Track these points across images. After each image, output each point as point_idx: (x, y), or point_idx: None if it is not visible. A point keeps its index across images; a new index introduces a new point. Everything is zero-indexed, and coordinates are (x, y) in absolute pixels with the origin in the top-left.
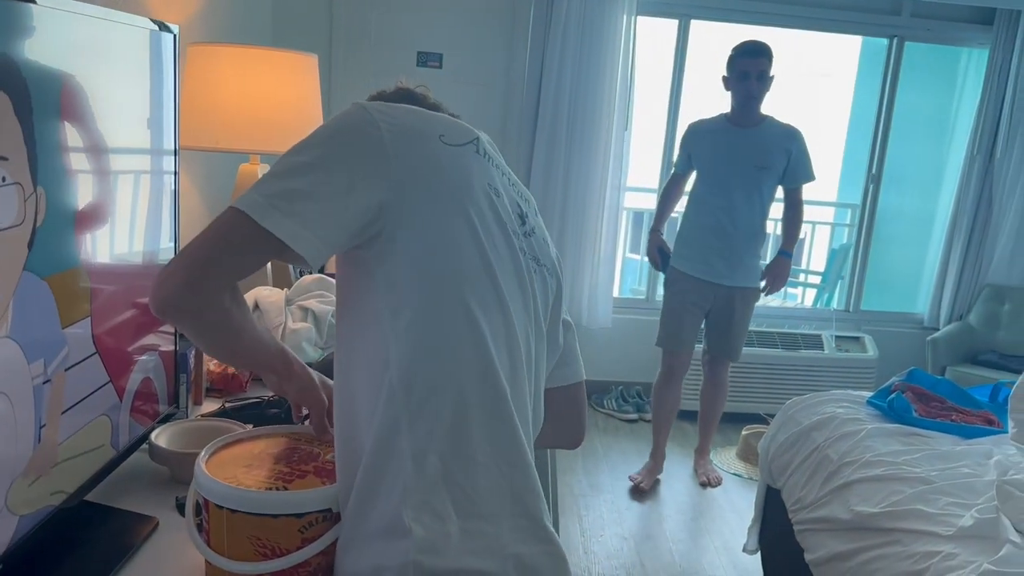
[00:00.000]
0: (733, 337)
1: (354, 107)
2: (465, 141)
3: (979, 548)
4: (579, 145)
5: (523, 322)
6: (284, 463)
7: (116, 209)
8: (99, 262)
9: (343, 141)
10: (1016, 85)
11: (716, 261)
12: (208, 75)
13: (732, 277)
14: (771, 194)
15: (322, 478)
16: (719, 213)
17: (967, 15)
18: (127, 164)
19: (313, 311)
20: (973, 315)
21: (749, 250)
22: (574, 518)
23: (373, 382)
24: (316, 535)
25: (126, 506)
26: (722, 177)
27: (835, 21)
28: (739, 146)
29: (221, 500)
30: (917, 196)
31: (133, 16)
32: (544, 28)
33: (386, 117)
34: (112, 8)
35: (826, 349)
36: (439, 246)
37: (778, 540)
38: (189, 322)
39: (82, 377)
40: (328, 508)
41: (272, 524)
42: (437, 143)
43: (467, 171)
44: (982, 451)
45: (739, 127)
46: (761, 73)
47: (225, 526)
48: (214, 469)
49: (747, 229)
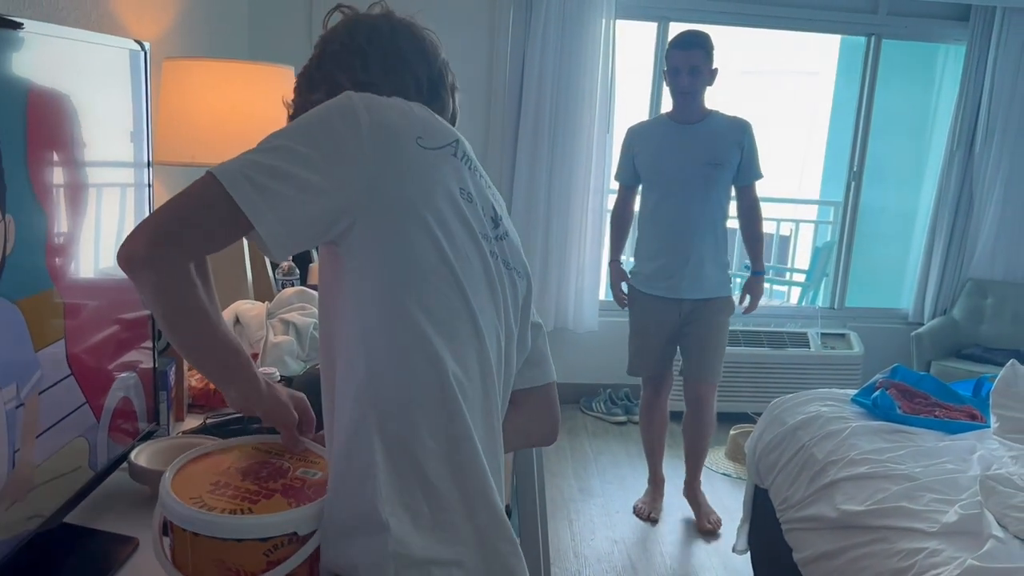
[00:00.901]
0: (706, 355)
1: (344, 97)
2: (443, 144)
3: (963, 544)
4: (561, 149)
5: (493, 325)
6: (252, 479)
7: (89, 229)
8: (72, 283)
9: (325, 132)
10: (993, 80)
11: (677, 275)
12: (184, 89)
13: (696, 289)
14: (727, 192)
15: (289, 498)
16: (673, 220)
17: (943, 12)
18: (99, 180)
19: (295, 324)
20: (957, 309)
21: (712, 257)
22: (564, 522)
23: (347, 378)
24: (282, 557)
25: (106, 527)
26: (672, 180)
27: (812, 20)
28: (686, 144)
29: (185, 523)
30: (899, 192)
31: (92, 33)
32: (523, 34)
33: (370, 114)
34: (87, 23)
35: (812, 347)
36: (394, 254)
37: (767, 540)
38: (152, 282)
39: (57, 399)
40: (294, 531)
41: (236, 548)
42: (413, 146)
43: (435, 176)
44: (965, 446)
45: (683, 124)
46: (693, 68)
47: (190, 548)
48: (181, 487)
49: (707, 234)
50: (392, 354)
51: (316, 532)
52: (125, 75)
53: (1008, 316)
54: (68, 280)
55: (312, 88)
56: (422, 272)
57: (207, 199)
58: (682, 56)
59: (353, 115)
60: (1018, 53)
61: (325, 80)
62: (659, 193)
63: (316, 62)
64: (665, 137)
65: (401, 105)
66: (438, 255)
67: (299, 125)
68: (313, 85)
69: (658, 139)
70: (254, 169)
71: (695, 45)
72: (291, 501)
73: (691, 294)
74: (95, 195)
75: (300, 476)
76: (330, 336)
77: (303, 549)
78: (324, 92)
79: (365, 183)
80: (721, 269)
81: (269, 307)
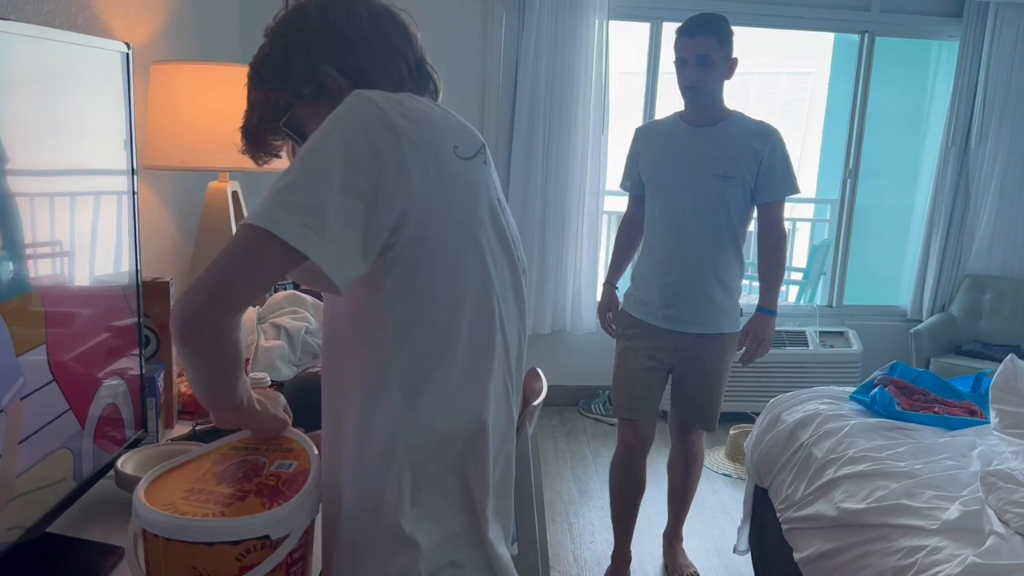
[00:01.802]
0: (705, 400)
1: (363, 102)
2: (474, 152)
3: (965, 541)
4: (556, 150)
5: (516, 335)
6: (227, 483)
7: (72, 234)
8: (54, 288)
9: (368, 152)
10: (987, 75)
11: (675, 302)
12: (174, 93)
13: (696, 322)
14: (743, 211)
15: (263, 498)
16: (674, 238)
17: (936, 8)
18: (82, 186)
19: (286, 328)
20: (955, 306)
21: (718, 285)
22: (564, 525)
23: (372, 391)
24: (255, 562)
25: (91, 536)
26: (674, 191)
27: (806, 19)
28: (694, 150)
29: (156, 528)
30: (895, 189)
31: (74, 34)
32: (516, 34)
33: (404, 122)
34: (74, 28)
35: (811, 345)
36: (442, 276)
37: (768, 540)
38: (208, 346)
39: (39, 406)
40: (266, 535)
41: (207, 552)
42: (452, 158)
43: (477, 189)
44: (965, 442)
45: (694, 126)
46: (703, 57)
47: (162, 554)
48: (154, 495)
49: (712, 258)
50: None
51: (289, 536)
52: (109, 77)
53: (1006, 311)
54: (49, 285)
55: (285, 84)
56: (465, 294)
57: (268, 259)
58: (688, 45)
59: (391, 130)
60: (1012, 48)
61: (307, 73)
62: (659, 206)
63: (283, 53)
64: (671, 140)
65: (428, 111)
66: (481, 275)
67: (331, 140)
68: (289, 80)
69: (663, 142)
70: (310, 214)
71: (704, 30)
72: (264, 502)
73: (690, 327)
74: (77, 201)
75: (275, 472)
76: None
77: (276, 553)
78: (311, 87)
79: (413, 198)
80: (731, 301)
81: (260, 311)
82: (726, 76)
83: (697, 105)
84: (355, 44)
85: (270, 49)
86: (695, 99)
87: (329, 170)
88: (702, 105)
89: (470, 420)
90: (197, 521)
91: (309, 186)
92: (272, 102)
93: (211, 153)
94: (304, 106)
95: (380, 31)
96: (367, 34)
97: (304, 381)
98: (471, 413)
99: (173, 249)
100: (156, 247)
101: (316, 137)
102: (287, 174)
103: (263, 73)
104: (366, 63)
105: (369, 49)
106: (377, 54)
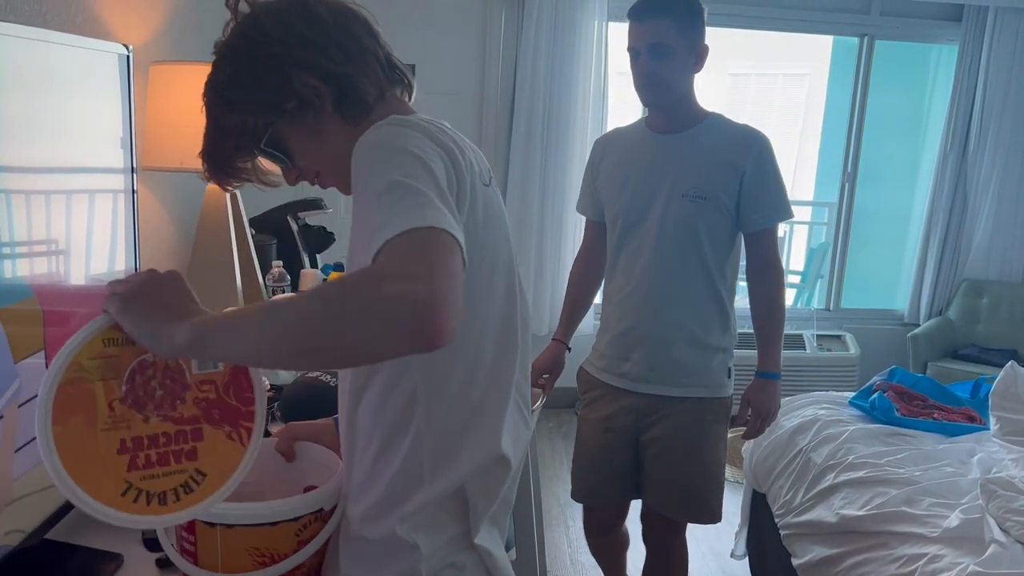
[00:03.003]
0: (681, 484)
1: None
2: (489, 177)
3: (965, 549)
4: (555, 152)
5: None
6: (154, 411)
7: (71, 236)
8: (53, 292)
9: (436, 162)
10: (986, 80)
11: (631, 354)
12: (172, 94)
13: (656, 380)
14: (722, 241)
15: (222, 425)
16: (632, 275)
17: (936, 12)
18: (81, 186)
19: None
20: (952, 310)
21: (691, 335)
22: (561, 528)
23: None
24: (310, 536)
25: (90, 543)
26: (634, 215)
27: (805, 21)
28: (658, 164)
29: (215, 519)
30: (893, 193)
31: (73, 36)
32: (516, 37)
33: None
34: (73, 28)
35: (808, 349)
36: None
37: (766, 545)
38: None
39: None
40: (320, 508)
41: (271, 533)
42: (480, 186)
43: (500, 217)
44: (965, 449)
45: (659, 133)
46: (656, 46)
47: (220, 543)
48: (82, 472)
49: (676, 301)
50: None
51: (337, 507)
52: (108, 79)
53: (1004, 316)
54: (48, 289)
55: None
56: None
57: (454, 249)
58: (640, 30)
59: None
60: (1011, 53)
61: (283, 88)
62: (618, 232)
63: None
64: (632, 152)
65: (452, 133)
66: (507, 301)
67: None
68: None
69: (623, 154)
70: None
71: (657, 11)
72: (230, 431)
73: (654, 386)
74: (77, 201)
75: (198, 376)
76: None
77: (328, 524)
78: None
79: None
80: (706, 355)
81: None
82: (694, 68)
83: (658, 107)
84: (327, 49)
85: (230, 69)
86: (652, 99)
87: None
88: (664, 106)
89: (488, 451)
90: (261, 504)
91: (412, 185)
92: (250, 127)
93: None
94: (286, 122)
95: (347, 32)
96: (335, 37)
97: (303, 385)
98: (490, 443)
99: (171, 251)
100: (155, 249)
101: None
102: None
103: (232, 97)
104: (344, 67)
105: (343, 52)
106: (352, 56)
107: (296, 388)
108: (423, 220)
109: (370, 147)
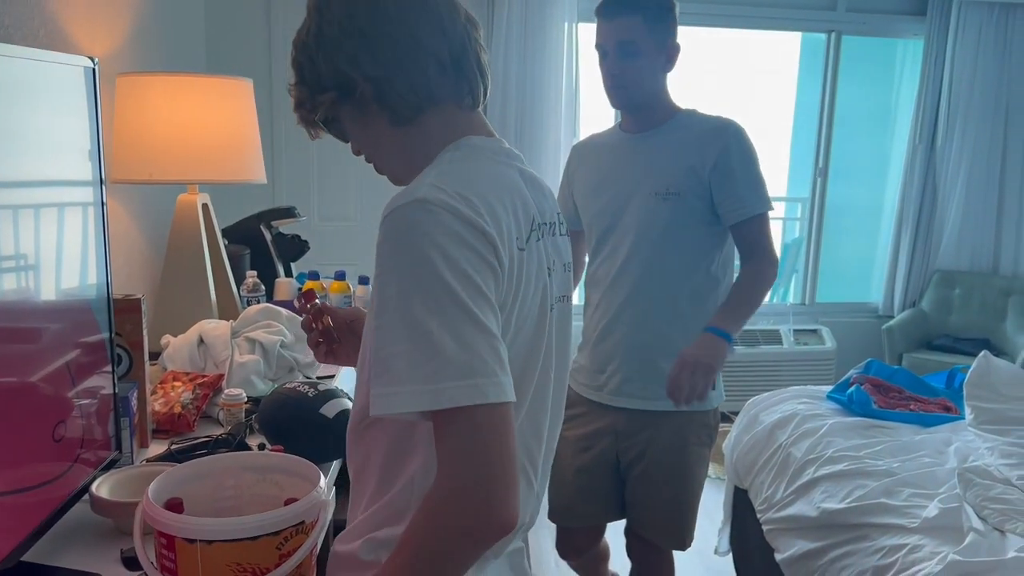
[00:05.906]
0: (663, 505)
1: (430, 222)
2: (529, 232)
3: (944, 538)
4: (528, 155)
5: (537, 411)
6: None
7: (39, 250)
8: (17, 307)
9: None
10: (952, 73)
11: (608, 365)
12: (140, 105)
13: (635, 394)
14: (701, 240)
15: None
16: (608, 281)
17: (901, 7)
18: (47, 199)
19: (261, 343)
20: (925, 301)
21: (664, 346)
22: (545, 529)
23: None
24: (292, 549)
25: (67, 563)
26: (608, 218)
27: (772, 19)
28: (631, 165)
29: (196, 535)
30: (864, 187)
31: (37, 51)
32: (485, 38)
33: (482, 225)
34: (37, 42)
35: (785, 343)
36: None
37: (749, 540)
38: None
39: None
40: (301, 520)
41: (251, 547)
42: (516, 253)
43: (537, 277)
44: (941, 439)
45: (632, 133)
46: (624, 44)
47: (200, 559)
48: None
49: (665, 307)
50: None
51: (318, 521)
52: (74, 92)
53: (975, 305)
54: (10, 304)
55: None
56: (529, 379)
57: (505, 424)
58: (607, 28)
59: (476, 252)
60: (975, 45)
61: (334, 76)
62: (595, 238)
63: (316, 44)
64: (607, 156)
65: (487, 191)
66: (543, 357)
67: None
68: (319, 80)
69: (598, 159)
70: (478, 368)
71: (627, 7)
72: None
73: (634, 400)
74: (45, 215)
75: None
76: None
77: (310, 537)
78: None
79: (501, 298)
80: None
81: (234, 325)
82: (664, 68)
83: (626, 108)
84: (378, 49)
85: (302, 36)
86: (621, 100)
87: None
88: (636, 107)
89: None
90: (240, 518)
91: (454, 334)
92: (307, 96)
93: (180, 165)
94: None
95: (406, 30)
96: (389, 30)
97: (280, 397)
98: None
99: (143, 264)
100: (125, 262)
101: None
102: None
103: (297, 60)
104: (385, 67)
105: (392, 49)
106: (401, 55)
107: (274, 400)
108: (481, 396)
109: (397, 252)
